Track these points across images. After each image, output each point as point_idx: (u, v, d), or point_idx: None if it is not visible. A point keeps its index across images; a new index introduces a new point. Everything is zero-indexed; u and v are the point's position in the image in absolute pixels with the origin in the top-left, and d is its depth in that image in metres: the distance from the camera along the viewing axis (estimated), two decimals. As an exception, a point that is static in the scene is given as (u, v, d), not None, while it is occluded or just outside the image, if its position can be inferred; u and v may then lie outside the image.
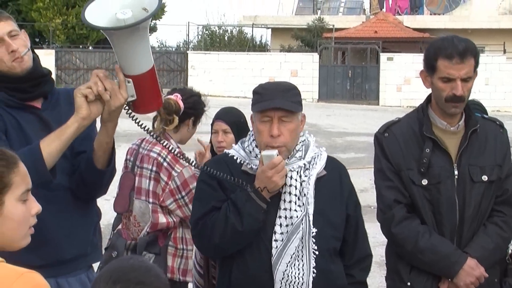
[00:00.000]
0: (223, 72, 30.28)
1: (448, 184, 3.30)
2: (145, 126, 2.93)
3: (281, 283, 2.98)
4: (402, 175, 3.34)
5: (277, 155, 2.95)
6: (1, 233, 2.07)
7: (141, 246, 4.10)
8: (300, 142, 3.11)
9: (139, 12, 2.79)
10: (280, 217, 3.01)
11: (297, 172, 3.05)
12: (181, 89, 4.36)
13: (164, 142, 3.15)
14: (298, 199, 3.03)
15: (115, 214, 4.43)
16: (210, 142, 4.42)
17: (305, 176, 3.06)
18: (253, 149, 3.10)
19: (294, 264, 2.99)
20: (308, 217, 3.01)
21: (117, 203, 4.24)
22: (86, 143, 3.06)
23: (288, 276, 2.98)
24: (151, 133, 3.02)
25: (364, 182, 12.10)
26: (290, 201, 3.02)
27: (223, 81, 30.22)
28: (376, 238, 8.79)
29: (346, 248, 3.16)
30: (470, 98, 3.38)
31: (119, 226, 4.33)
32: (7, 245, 2.10)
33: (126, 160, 4.31)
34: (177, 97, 4.15)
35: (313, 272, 3.01)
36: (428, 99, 3.40)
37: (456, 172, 3.31)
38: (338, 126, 21.48)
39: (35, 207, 2.15)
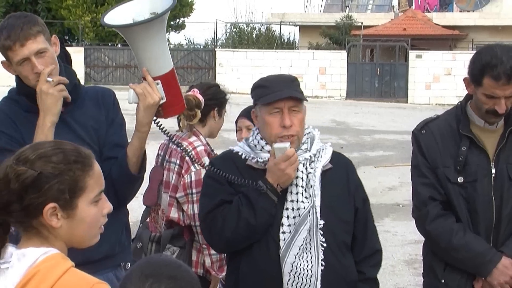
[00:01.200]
0: (251, 70, 30.27)
1: (484, 182, 3.28)
2: (168, 132, 3.08)
3: (290, 275, 2.97)
4: (438, 172, 3.32)
5: (290, 147, 2.96)
6: (73, 234, 2.07)
7: (165, 238, 4.12)
8: (305, 135, 3.11)
9: (153, 15, 2.90)
10: (287, 209, 3.01)
11: (303, 164, 3.05)
12: (198, 84, 4.39)
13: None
14: (305, 191, 3.03)
15: (143, 210, 4.47)
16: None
17: (311, 168, 3.06)
18: (258, 142, 3.09)
19: (303, 256, 2.98)
20: (315, 209, 3.01)
21: (146, 196, 4.28)
22: (117, 150, 3.12)
23: (296, 268, 2.97)
24: (173, 140, 3.15)
25: (392, 180, 12.06)
26: (297, 193, 3.02)
27: (251, 78, 30.04)
28: (405, 237, 8.75)
29: (355, 243, 3.15)
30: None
31: (147, 220, 4.36)
32: (78, 244, 2.11)
33: (157, 155, 4.35)
34: (194, 92, 4.17)
35: (322, 265, 3.00)
36: (468, 97, 3.37)
37: (493, 171, 3.28)
38: (367, 124, 21.38)
39: (107, 207, 2.13)
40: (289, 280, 2.98)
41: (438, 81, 29.19)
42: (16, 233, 2.10)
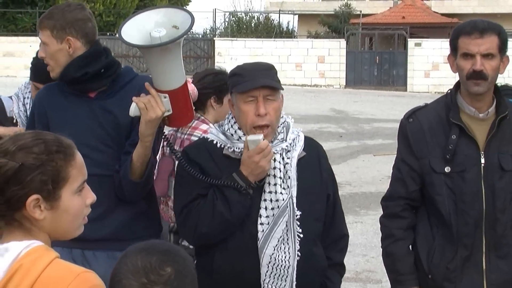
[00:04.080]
0: (250, 59, 30.10)
1: (473, 172, 3.22)
2: (171, 145, 3.27)
3: (268, 266, 2.95)
4: (422, 163, 3.29)
5: (263, 139, 2.93)
6: (57, 226, 2.02)
7: None
8: (281, 124, 3.07)
9: (172, 29, 2.97)
10: (265, 200, 2.98)
11: (280, 154, 3.02)
12: (195, 73, 4.40)
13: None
14: (283, 181, 3.00)
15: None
16: None
17: (288, 158, 3.03)
18: (235, 131, 3.04)
19: (281, 248, 2.96)
20: (292, 199, 2.99)
21: (156, 187, 4.26)
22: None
23: (275, 259, 2.95)
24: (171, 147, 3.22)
25: (391, 169, 12.03)
26: (275, 184, 2.99)
27: (250, 67, 30.14)
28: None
29: (323, 229, 3.14)
30: (503, 83, 3.33)
31: None
32: (62, 236, 2.06)
33: (162, 146, 4.32)
34: (187, 82, 4.18)
35: (298, 256, 2.99)
36: (457, 85, 3.34)
37: (483, 160, 3.22)
38: (366, 113, 21.38)
39: (90, 197, 2.09)
40: (267, 271, 2.96)
41: (437, 69, 29.17)
42: None
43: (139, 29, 3.01)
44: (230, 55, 30.69)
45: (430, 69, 29.64)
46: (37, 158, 1.96)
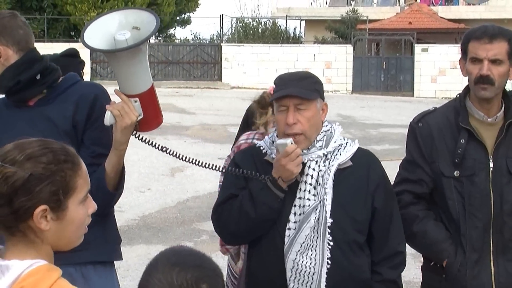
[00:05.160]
0: (257, 64, 30.25)
1: (481, 176, 3.24)
2: (152, 142, 3.05)
3: (291, 271, 2.98)
4: (433, 167, 3.31)
5: (291, 143, 2.96)
6: (61, 237, 1.97)
7: None
8: (322, 132, 3.09)
9: (134, 31, 2.87)
10: (295, 205, 3.02)
11: (316, 161, 3.04)
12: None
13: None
14: (314, 188, 3.02)
15: (150, 206, 4.48)
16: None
17: (324, 166, 3.04)
18: (275, 138, 3.12)
19: (306, 253, 2.98)
20: (325, 207, 2.99)
21: None
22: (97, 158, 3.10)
23: (298, 265, 2.97)
24: (163, 149, 3.07)
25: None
26: (305, 190, 3.02)
27: (257, 73, 30.19)
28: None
29: (373, 243, 3.11)
30: (512, 88, 3.35)
31: None
32: (64, 246, 2.02)
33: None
34: (271, 89, 4.24)
35: (328, 263, 2.98)
36: (467, 89, 3.36)
37: (491, 165, 3.24)
38: (373, 118, 21.36)
39: (92, 206, 2.05)
40: (291, 276, 2.99)
41: (444, 74, 29.14)
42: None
43: (103, 32, 2.90)
44: (237, 60, 30.71)
45: (437, 74, 29.61)
46: (46, 168, 1.91)
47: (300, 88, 3.00)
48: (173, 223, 9.45)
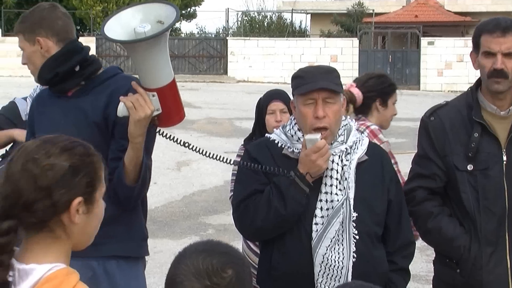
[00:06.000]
0: (263, 58, 30.24)
1: (495, 169, 3.24)
2: (175, 138, 3.04)
3: (321, 266, 2.99)
4: (446, 161, 3.30)
5: (321, 138, 2.97)
6: (84, 232, 1.96)
7: None
8: (342, 126, 3.11)
9: (157, 25, 2.86)
10: (321, 200, 3.03)
11: (339, 156, 3.06)
12: (358, 77, 4.43)
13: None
14: (339, 183, 3.04)
15: (156, 200, 4.47)
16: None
17: (347, 160, 3.06)
18: (295, 132, 3.11)
19: (334, 248, 2.99)
20: (349, 201, 3.02)
21: None
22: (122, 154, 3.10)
23: (328, 259, 2.98)
24: (186, 145, 3.05)
25: (404, 167, 11.95)
26: (331, 185, 3.03)
27: (263, 67, 30.20)
28: (417, 224, 8.76)
29: (388, 234, 3.15)
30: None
31: None
32: (84, 243, 2.00)
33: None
34: (350, 86, 4.25)
35: (353, 257, 3.01)
36: (478, 82, 3.36)
37: (504, 158, 3.25)
38: (379, 112, 21.30)
39: (103, 202, 2.03)
40: (320, 271, 2.99)
41: (450, 67, 29.06)
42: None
43: (123, 26, 2.90)
44: (243, 54, 30.70)
45: (443, 67, 29.53)
46: (81, 160, 1.92)
47: (329, 82, 3.02)
48: (179, 217, 9.46)
